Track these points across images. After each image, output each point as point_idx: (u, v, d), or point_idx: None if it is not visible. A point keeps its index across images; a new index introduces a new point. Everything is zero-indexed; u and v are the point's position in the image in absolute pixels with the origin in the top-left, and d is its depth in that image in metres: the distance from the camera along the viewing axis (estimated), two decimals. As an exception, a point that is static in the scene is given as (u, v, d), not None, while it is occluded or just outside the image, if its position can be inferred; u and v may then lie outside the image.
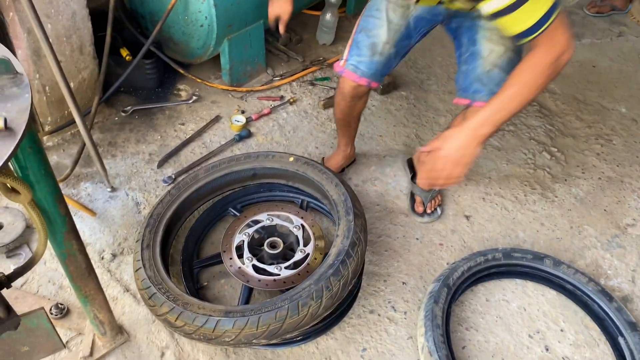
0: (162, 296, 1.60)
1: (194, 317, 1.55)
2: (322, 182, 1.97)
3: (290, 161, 2.05)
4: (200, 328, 1.54)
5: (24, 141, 1.00)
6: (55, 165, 2.28)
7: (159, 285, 1.64)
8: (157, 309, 1.61)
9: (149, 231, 1.82)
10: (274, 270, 1.80)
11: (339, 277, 1.64)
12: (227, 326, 1.53)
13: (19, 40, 2.00)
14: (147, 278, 1.66)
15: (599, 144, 2.75)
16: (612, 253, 2.23)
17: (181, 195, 1.96)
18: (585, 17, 3.77)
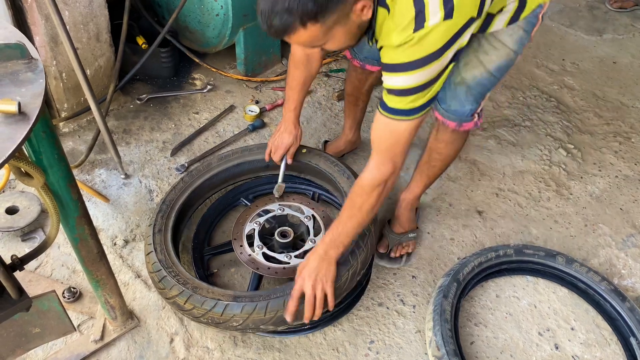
0: (172, 279, 1.63)
1: (202, 300, 1.57)
2: (334, 174, 1.98)
3: (303, 152, 2.05)
4: (208, 312, 1.56)
5: (38, 126, 1.01)
6: (71, 151, 2.31)
7: (169, 269, 1.66)
8: (167, 291, 1.63)
9: (161, 216, 1.84)
10: (284, 258, 1.82)
11: (347, 267, 1.64)
12: (235, 310, 1.54)
13: (36, 26, 2.02)
14: (157, 261, 1.68)
15: (617, 141, 2.70)
16: (627, 252, 2.20)
17: (194, 183, 1.98)
18: (608, 12, 3.69)
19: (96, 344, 1.70)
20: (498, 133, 2.68)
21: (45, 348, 1.70)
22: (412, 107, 1.33)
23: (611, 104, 2.93)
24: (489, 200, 2.35)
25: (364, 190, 1.48)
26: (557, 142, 2.65)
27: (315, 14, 1.14)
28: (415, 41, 1.20)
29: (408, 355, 1.80)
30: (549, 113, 2.82)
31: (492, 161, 2.53)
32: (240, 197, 2.15)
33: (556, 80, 3.06)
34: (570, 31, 3.49)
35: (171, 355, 1.73)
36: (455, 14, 1.18)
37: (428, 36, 1.19)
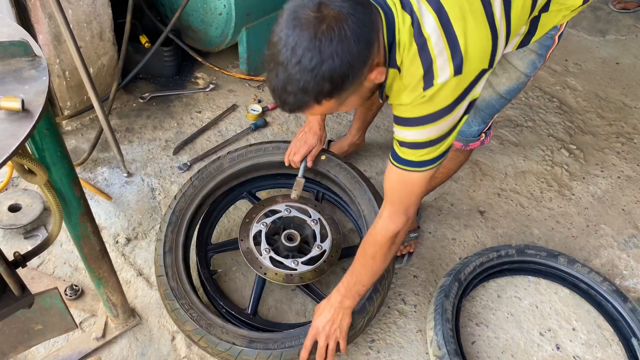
0: (185, 313, 1.60)
1: (217, 342, 1.56)
2: (355, 193, 1.91)
3: (322, 159, 1.98)
4: (222, 353, 1.56)
5: (41, 123, 1.02)
6: (74, 149, 2.31)
7: (182, 300, 1.63)
8: (180, 324, 1.62)
9: (171, 231, 1.77)
10: (291, 264, 1.79)
11: (364, 314, 1.65)
12: (250, 356, 1.54)
13: (40, 25, 2.03)
14: (169, 289, 1.65)
15: (619, 142, 2.70)
16: (629, 253, 2.20)
17: (205, 187, 1.90)
18: (611, 13, 3.68)
19: (98, 342, 1.70)
20: (500, 133, 2.68)
21: (47, 345, 1.71)
22: (425, 160, 1.29)
23: (614, 105, 2.93)
24: (491, 200, 2.35)
25: (377, 242, 1.47)
26: (559, 143, 2.65)
27: (330, 92, 1.07)
28: (427, 99, 1.17)
29: (409, 354, 1.81)
30: (552, 113, 2.82)
31: (494, 161, 2.53)
32: (244, 192, 2.09)
33: (559, 80, 3.06)
34: (573, 32, 3.49)
35: (172, 353, 1.73)
36: (465, 68, 1.14)
37: (438, 93, 1.16)
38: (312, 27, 0.99)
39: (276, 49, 1.03)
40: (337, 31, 1.00)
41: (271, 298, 1.92)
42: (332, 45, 1.00)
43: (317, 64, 1.00)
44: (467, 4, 1.14)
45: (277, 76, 1.05)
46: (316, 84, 1.03)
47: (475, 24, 1.14)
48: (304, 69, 1.01)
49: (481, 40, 1.15)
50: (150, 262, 1.96)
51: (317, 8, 1.00)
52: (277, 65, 1.04)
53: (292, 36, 1.01)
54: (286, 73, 1.03)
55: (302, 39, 1.00)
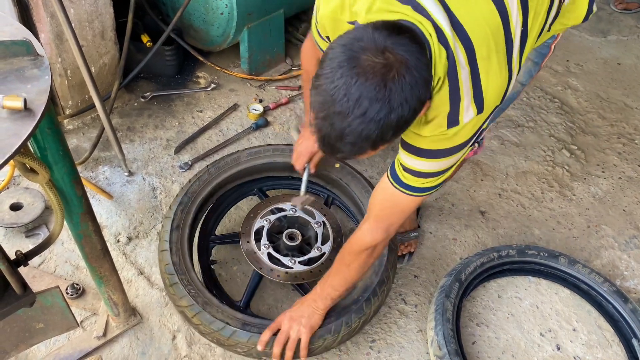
0: (184, 288, 1.60)
1: (211, 320, 1.56)
2: (364, 202, 1.92)
3: (336, 167, 1.99)
4: (215, 332, 1.55)
5: (43, 122, 1.01)
6: (75, 148, 2.32)
7: (182, 275, 1.63)
8: (176, 299, 1.62)
9: (181, 210, 1.78)
10: (288, 262, 1.79)
11: (360, 315, 1.64)
12: (242, 338, 1.54)
13: (42, 24, 2.03)
14: (171, 264, 1.65)
15: (620, 143, 2.70)
16: (630, 254, 2.20)
17: (220, 176, 1.92)
18: (612, 14, 3.68)
19: (99, 340, 1.70)
20: (501, 133, 2.68)
21: (49, 344, 1.71)
22: (425, 187, 1.27)
23: (615, 106, 2.93)
24: (492, 200, 2.35)
25: (353, 250, 1.48)
26: (560, 143, 2.65)
27: (392, 138, 1.00)
28: (448, 136, 1.14)
29: (409, 354, 1.81)
30: (553, 114, 2.82)
31: (495, 161, 2.53)
32: (254, 189, 2.10)
33: (560, 81, 3.06)
34: (574, 32, 3.49)
35: (173, 352, 1.74)
36: (485, 106, 1.12)
37: (460, 132, 1.14)
38: (379, 76, 0.91)
39: (332, 97, 0.93)
40: (407, 78, 0.92)
41: (271, 298, 1.92)
42: (402, 94, 0.92)
43: (385, 115, 0.93)
44: (493, 43, 1.10)
45: (333, 125, 0.95)
46: (380, 133, 0.96)
47: (497, 65, 1.11)
48: (369, 120, 0.93)
49: (500, 80, 1.13)
50: (152, 261, 1.96)
51: (381, 53, 0.92)
52: (332, 115, 0.94)
53: (354, 86, 0.91)
54: (345, 123, 0.94)
55: (368, 89, 0.91)
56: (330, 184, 2.08)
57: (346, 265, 1.51)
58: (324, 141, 1.01)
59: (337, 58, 0.94)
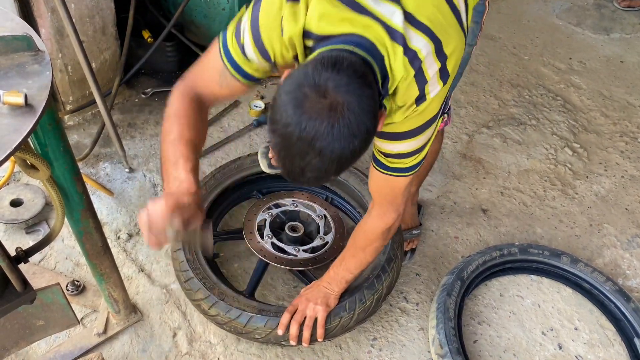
0: (199, 282, 1.63)
1: (228, 309, 1.58)
2: (363, 193, 1.97)
3: None
4: (232, 321, 1.57)
5: (44, 118, 1.01)
6: (75, 144, 2.31)
7: (197, 270, 1.66)
8: (192, 293, 1.64)
9: None
10: (292, 250, 1.82)
11: (373, 292, 1.66)
12: (259, 324, 1.57)
13: (43, 19, 2.02)
14: (185, 261, 1.67)
15: (623, 141, 2.69)
16: (632, 253, 2.19)
17: (225, 182, 1.97)
18: (615, 11, 3.67)
19: (99, 337, 1.70)
20: (504, 131, 2.67)
21: (49, 341, 1.71)
22: (411, 165, 1.31)
23: (618, 104, 2.91)
24: (494, 198, 2.34)
25: (368, 237, 1.52)
26: (563, 141, 2.64)
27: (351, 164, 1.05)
28: (419, 112, 1.18)
29: (411, 352, 1.80)
30: (555, 112, 2.81)
31: (497, 159, 2.52)
32: (254, 190, 2.13)
33: (563, 79, 3.05)
34: (577, 30, 3.47)
35: (174, 350, 1.73)
36: (450, 78, 1.17)
37: (430, 105, 1.18)
38: (325, 118, 0.95)
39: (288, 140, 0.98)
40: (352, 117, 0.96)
41: (272, 295, 1.91)
42: (350, 130, 0.96)
43: (339, 151, 0.97)
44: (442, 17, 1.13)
45: (293, 164, 1.01)
46: (338, 166, 1.01)
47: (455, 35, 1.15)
48: (326, 158, 0.98)
49: (459, 49, 1.16)
50: (152, 258, 1.96)
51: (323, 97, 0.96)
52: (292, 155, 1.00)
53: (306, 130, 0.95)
54: (304, 162, 0.99)
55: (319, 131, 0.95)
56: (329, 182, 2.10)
57: (361, 249, 1.55)
58: (289, 175, 1.06)
59: (288, 105, 0.97)
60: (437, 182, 2.38)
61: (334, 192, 2.12)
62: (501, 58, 3.16)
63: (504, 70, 3.07)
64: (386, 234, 1.49)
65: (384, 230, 1.47)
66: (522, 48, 3.27)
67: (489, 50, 3.22)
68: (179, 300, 1.84)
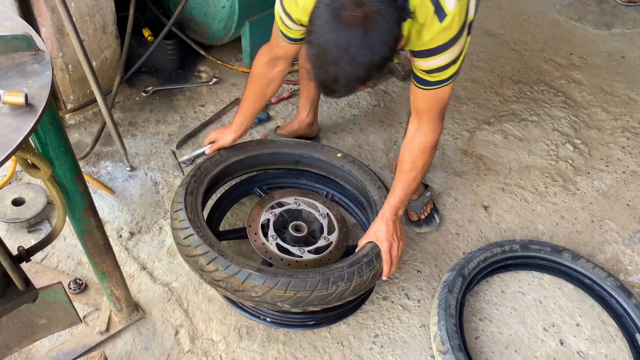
0: (200, 239, 1.62)
1: (227, 264, 1.56)
2: (365, 183, 1.98)
3: (338, 157, 2.05)
4: (230, 277, 1.55)
5: (44, 117, 1.01)
6: (77, 143, 2.31)
7: (198, 229, 1.65)
8: (191, 249, 1.61)
9: (195, 180, 1.83)
10: (297, 252, 1.81)
11: (371, 268, 1.66)
12: (257, 282, 1.54)
13: (43, 18, 2.02)
14: (187, 219, 1.67)
15: (624, 137, 2.68)
16: (634, 249, 2.19)
17: (230, 159, 1.98)
18: (617, 6, 3.66)
19: (102, 336, 1.70)
20: (505, 128, 2.67)
21: (51, 339, 1.71)
22: (452, 74, 1.49)
23: (619, 99, 2.91)
24: (495, 195, 2.34)
25: (426, 153, 1.66)
26: (564, 137, 2.64)
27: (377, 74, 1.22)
28: (446, 26, 1.34)
29: (412, 349, 1.80)
30: (556, 108, 2.81)
31: (498, 156, 2.52)
32: (254, 187, 2.12)
33: (564, 74, 3.04)
34: (578, 25, 3.46)
35: (176, 347, 1.74)
36: None
37: (453, 19, 1.33)
38: (360, 26, 1.10)
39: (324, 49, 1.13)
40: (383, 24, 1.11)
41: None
42: (381, 37, 1.12)
43: (370, 57, 1.13)
44: None
45: (328, 72, 1.16)
46: (367, 73, 1.16)
47: None
48: (357, 64, 1.13)
49: None
50: (154, 256, 1.96)
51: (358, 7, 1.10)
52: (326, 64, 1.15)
53: (342, 37, 1.11)
54: (337, 69, 1.14)
55: (353, 39, 1.11)
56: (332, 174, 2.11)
57: (421, 168, 1.69)
58: (322, 85, 1.23)
59: (323, 16, 1.13)
60: (438, 179, 2.38)
61: (334, 189, 2.12)
62: (502, 54, 3.16)
63: (504, 67, 3.06)
64: (434, 149, 1.67)
65: (436, 143, 1.65)
66: (523, 44, 3.26)
67: (490, 46, 3.22)
68: (180, 298, 1.85)
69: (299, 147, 2.09)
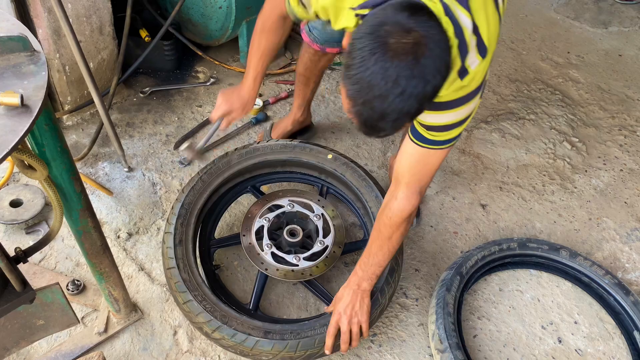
0: (199, 305, 1.58)
1: (233, 333, 1.55)
2: (362, 191, 1.94)
3: (329, 158, 2.00)
4: (238, 344, 1.55)
5: (40, 118, 1.01)
6: (74, 144, 2.31)
7: (195, 292, 1.61)
8: (193, 316, 1.60)
9: (181, 224, 1.75)
10: (293, 260, 1.79)
11: (376, 307, 1.67)
12: (266, 347, 1.54)
13: (39, 19, 2.02)
14: (181, 281, 1.62)
15: (622, 135, 2.69)
16: (631, 246, 2.19)
17: (213, 182, 1.90)
18: (614, 4, 3.66)
19: (100, 336, 1.70)
20: (502, 126, 2.67)
21: (50, 340, 1.71)
22: (452, 137, 1.35)
23: (616, 97, 2.91)
24: (493, 193, 2.34)
25: (395, 223, 1.51)
26: (561, 136, 2.64)
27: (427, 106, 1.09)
28: (465, 84, 1.23)
29: (411, 348, 1.81)
30: (554, 106, 2.81)
31: (496, 154, 2.52)
32: (247, 186, 2.08)
33: (561, 73, 3.05)
34: (575, 24, 3.47)
35: (174, 348, 1.74)
36: (488, 52, 1.22)
37: (474, 78, 1.23)
38: (411, 54, 0.97)
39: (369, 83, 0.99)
40: (435, 49, 1.00)
41: (273, 293, 1.92)
42: (433, 65, 1.00)
43: (422, 88, 1.00)
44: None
45: (374, 109, 1.02)
46: (419, 106, 1.03)
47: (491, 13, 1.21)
48: (409, 96, 1.00)
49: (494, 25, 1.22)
50: (152, 256, 1.96)
51: (408, 33, 0.98)
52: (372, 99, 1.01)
53: (390, 68, 0.97)
54: (385, 104, 1.00)
55: (404, 69, 0.98)
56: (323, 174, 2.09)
57: (388, 239, 1.55)
58: (366, 124, 1.07)
59: (367, 46, 0.99)
60: (436, 178, 2.38)
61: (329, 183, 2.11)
62: (499, 53, 3.16)
63: (502, 65, 3.07)
64: (410, 218, 1.51)
65: (410, 213, 1.49)
66: (520, 42, 3.27)
67: (487, 45, 3.22)
68: (179, 298, 1.85)
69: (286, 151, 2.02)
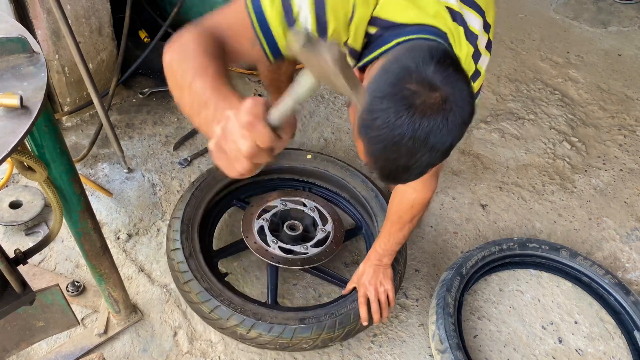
0: (228, 309, 1.55)
1: (269, 327, 1.52)
2: (347, 179, 1.98)
3: (308, 159, 2.03)
4: (276, 338, 1.52)
5: (40, 120, 1.01)
6: (74, 145, 2.31)
7: (220, 297, 1.58)
8: (224, 322, 1.56)
9: (185, 238, 1.74)
10: (301, 249, 1.82)
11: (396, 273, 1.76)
12: (305, 334, 1.53)
13: (38, 20, 2.01)
14: (204, 290, 1.59)
15: (621, 134, 2.69)
16: (631, 246, 2.19)
17: (205, 197, 1.90)
18: (613, 4, 3.66)
19: (100, 338, 1.70)
20: (502, 126, 2.67)
21: (50, 342, 1.71)
22: None
23: (616, 97, 2.91)
24: (493, 193, 2.34)
25: (415, 209, 1.58)
26: (561, 135, 2.64)
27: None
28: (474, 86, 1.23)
29: (411, 348, 1.81)
30: (553, 106, 2.81)
31: (495, 154, 2.52)
32: (233, 200, 2.08)
33: (560, 73, 3.05)
34: (574, 23, 3.47)
35: (175, 349, 1.74)
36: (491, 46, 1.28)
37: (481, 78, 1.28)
38: (439, 112, 0.94)
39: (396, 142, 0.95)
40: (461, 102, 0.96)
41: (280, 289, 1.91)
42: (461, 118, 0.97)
43: (450, 142, 0.98)
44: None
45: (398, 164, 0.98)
46: (444, 157, 1.01)
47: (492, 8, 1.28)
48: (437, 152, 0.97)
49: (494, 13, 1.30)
50: (152, 257, 1.96)
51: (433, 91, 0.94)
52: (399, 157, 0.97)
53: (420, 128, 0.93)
54: (412, 160, 0.97)
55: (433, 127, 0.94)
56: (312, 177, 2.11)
57: (409, 221, 1.62)
58: (388, 177, 1.05)
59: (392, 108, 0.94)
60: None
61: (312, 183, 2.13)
62: (498, 53, 3.16)
63: (501, 65, 3.07)
64: (426, 205, 1.59)
65: (429, 200, 1.57)
66: (520, 42, 3.27)
67: (486, 45, 3.22)
68: (179, 299, 1.85)
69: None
